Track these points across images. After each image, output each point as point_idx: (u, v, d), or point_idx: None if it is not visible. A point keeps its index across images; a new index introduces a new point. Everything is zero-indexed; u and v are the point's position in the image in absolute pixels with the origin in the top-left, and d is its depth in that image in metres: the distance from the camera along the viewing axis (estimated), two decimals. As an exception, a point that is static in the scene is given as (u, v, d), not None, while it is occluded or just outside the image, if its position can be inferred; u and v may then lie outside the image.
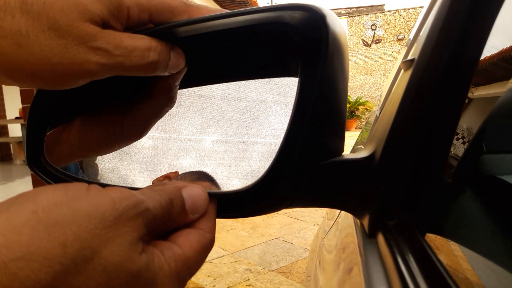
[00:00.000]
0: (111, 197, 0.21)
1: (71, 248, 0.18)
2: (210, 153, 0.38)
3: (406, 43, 0.80)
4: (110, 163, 0.39)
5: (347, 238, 0.56)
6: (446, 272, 0.27)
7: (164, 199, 0.25)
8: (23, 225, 0.18)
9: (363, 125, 1.63)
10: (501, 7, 0.31)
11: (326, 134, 0.31)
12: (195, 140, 0.38)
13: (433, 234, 0.35)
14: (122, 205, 0.21)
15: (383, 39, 13.95)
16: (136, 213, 0.22)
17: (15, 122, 6.29)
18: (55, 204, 0.19)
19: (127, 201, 0.22)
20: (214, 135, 0.38)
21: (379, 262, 0.35)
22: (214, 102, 0.38)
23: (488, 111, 0.37)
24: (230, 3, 7.04)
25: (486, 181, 0.35)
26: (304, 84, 0.30)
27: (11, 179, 6.42)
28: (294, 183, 0.31)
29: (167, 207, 0.25)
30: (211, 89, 0.38)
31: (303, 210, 3.96)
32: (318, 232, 1.08)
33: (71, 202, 0.20)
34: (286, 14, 0.29)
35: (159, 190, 0.25)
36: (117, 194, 0.22)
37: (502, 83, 0.36)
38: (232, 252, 3.03)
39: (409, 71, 0.35)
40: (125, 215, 0.21)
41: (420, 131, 0.33)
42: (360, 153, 0.36)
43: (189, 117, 0.38)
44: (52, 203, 0.19)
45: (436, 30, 0.32)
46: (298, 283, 2.51)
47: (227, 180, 0.37)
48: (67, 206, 0.20)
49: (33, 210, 0.19)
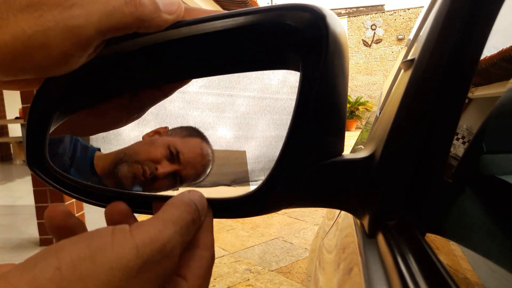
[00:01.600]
0: (135, 244, 0.21)
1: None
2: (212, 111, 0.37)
3: (406, 43, 0.80)
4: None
5: (347, 238, 0.56)
6: (446, 272, 0.27)
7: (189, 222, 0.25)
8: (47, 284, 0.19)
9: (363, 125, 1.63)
10: (501, 7, 0.31)
11: (326, 134, 0.31)
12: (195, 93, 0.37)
13: (433, 234, 0.35)
14: (146, 251, 0.21)
15: (383, 39, 13.96)
16: (162, 256, 0.22)
17: (15, 122, 6.29)
18: (78, 259, 0.20)
19: (152, 245, 0.22)
20: (215, 130, 0.37)
21: (379, 262, 0.35)
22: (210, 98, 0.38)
23: (488, 111, 0.37)
24: (230, 3, 7.04)
25: (486, 181, 0.35)
26: (304, 84, 0.30)
27: (11, 179, 6.42)
28: (294, 183, 0.31)
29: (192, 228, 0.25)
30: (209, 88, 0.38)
31: (303, 210, 3.96)
32: (318, 232, 1.08)
33: (94, 255, 0.20)
34: (286, 14, 0.29)
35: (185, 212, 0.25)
36: (143, 237, 0.22)
37: (502, 83, 0.36)
38: (232, 252, 3.03)
39: (409, 71, 0.35)
40: (149, 262, 0.21)
41: (420, 131, 0.33)
42: (360, 153, 0.36)
43: (188, 113, 0.38)
44: (75, 258, 0.20)
45: (436, 30, 0.32)
46: (298, 283, 2.51)
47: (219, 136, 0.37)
48: (90, 260, 0.20)
49: (56, 267, 0.19)
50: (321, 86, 0.29)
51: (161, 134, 0.37)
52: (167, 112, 0.37)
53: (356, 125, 13.69)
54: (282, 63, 0.35)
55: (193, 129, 0.37)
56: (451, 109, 0.33)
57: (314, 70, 0.29)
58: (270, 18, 0.30)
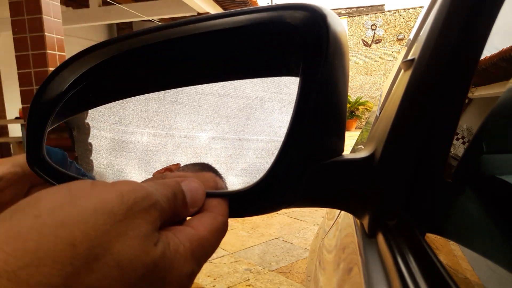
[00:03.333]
0: (118, 191, 0.21)
1: (80, 248, 0.18)
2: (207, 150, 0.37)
3: (406, 43, 0.80)
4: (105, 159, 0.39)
5: (347, 238, 0.56)
6: (446, 272, 0.27)
7: (169, 192, 0.24)
8: (27, 231, 0.17)
9: (363, 125, 1.63)
10: (501, 7, 0.31)
11: (326, 134, 0.31)
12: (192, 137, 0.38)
13: (433, 234, 0.35)
14: (131, 198, 0.21)
15: (383, 39, 13.95)
16: (148, 204, 0.21)
17: (15, 122, 6.28)
18: (59, 205, 0.19)
19: (136, 193, 0.21)
20: (211, 132, 0.37)
21: (379, 262, 0.34)
22: (210, 99, 0.38)
23: (488, 111, 0.37)
24: (230, 3, 7.04)
25: (486, 181, 0.35)
26: (304, 84, 0.30)
27: (11, 179, 6.40)
28: (294, 183, 0.31)
29: (172, 200, 0.24)
30: (208, 86, 0.38)
31: (303, 210, 3.95)
32: (318, 232, 1.08)
33: (76, 200, 0.19)
34: (287, 14, 0.29)
35: (162, 183, 0.25)
36: (125, 187, 0.21)
37: (502, 83, 0.36)
38: (232, 252, 3.03)
39: (409, 71, 0.35)
40: (136, 207, 0.21)
41: (420, 131, 0.33)
42: (360, 153, 0.36)
43: (186, 114, 0.38)
44: (55, 204, 0.19)
45: (436, 30, 0.32)
46: (298, 283, 2.51)
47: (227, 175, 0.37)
48: (71, 205, 0.19)
49: (35, 214, 0.18)
50: (322, 85, 0.29)
51: (173, 170, 0.37)
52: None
53: (356, 125, 13.68)
54: (282, 65, 0.35)
55: (205, 165, 0.37)
56: (451, 109, 0.33)
57: (314, 70, 0.29)
58: (270, 17, 0.30)
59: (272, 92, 0.36)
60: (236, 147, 0.36)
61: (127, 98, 0.37)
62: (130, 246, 0.19)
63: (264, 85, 0.36)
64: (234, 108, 0.37)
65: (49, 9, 3.44)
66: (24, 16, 3.37)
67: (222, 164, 0.37)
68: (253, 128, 0.36)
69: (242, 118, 0.37)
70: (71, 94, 0.34)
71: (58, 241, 0.17)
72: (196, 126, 0.38)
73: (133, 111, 0.38)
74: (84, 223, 0.18)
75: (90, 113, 0.38)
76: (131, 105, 0.38)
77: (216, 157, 0.37)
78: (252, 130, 0.36)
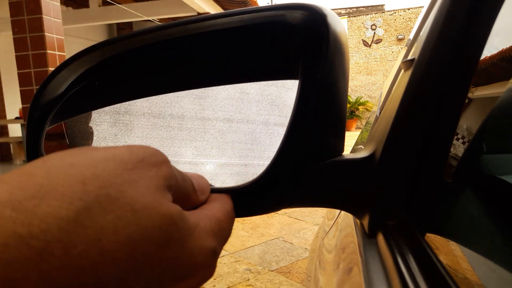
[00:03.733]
0: (128, 147, 0.20)
1: (91, 186, 0.17)
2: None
3: (406, 43, 0.80)
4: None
5: (347, 238, 0.56)
6: (446, 272, 0.27)
7: (178, 172, 0.23)
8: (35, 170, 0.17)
9: (363, 125, 1.63)
10: (501, 7, 0.31)
11: (326, 134, 0.31)
12: (196, 163, 0.37)
13: (433, 234, 0.35)
14: (140, 152, 0.20)
15: (383, 39, 13.95)
16: (159, 160, 0.20)
17: (15, 122, 6.29)
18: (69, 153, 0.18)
19: (146, 149, 0.20)
20: (216, 158, 0.37)
21: (379, 262, 0.34)
22: (216, 123, 0.37)
23: (488, 111, 0.37)
24: (230, 3, 7.04)
25: (486, 181, 0.35)
26: (304, 84, 0.30)
27: (11, 179, 6.39)
28: (294, 183, 0.31)
29: (182, 179, 0.23)
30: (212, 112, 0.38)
31: (303, 210, 3.96)
32: (318, 232, 1.08)
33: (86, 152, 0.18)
34: (287, 14, 0.29)
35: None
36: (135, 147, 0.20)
37: (502, 83, 0.36)
38: (232, 252, 3.03)
39: (409, 71, 0.35)
40: (147, 160, 0.19)
41: (420, 131, 0.33)
42: (360, 153, 0.36)
43: (191, 140, 0.38)
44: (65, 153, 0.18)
45: (436, 30, 0.32)
46: (298, 283, 2.51)
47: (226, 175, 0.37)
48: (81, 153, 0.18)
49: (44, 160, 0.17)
50: (322, 85, 0.29)
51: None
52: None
53: (356, 125, 13.68)
54: (282, 65, 0.35)
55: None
56: (451, 109, 0.33)
57: (314, 69, 0.29)
58: (270, 17, 0.30)
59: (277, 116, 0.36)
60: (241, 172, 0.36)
61: (127, 99, 0.37)
62: (143, 194, 0.18)
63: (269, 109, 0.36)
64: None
65: (49, 9, 3.45)
66: (24, 16, 3.38)
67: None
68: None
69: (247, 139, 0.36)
70: (71, 94, 0.34)
71: (67, 178, 0.17)
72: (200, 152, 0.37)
73: (138, 138, 0.37)
74: (94, 166, 0.17)
75: (92, 118, 0.38)
76: (136, 131, 0.37)
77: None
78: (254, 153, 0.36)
